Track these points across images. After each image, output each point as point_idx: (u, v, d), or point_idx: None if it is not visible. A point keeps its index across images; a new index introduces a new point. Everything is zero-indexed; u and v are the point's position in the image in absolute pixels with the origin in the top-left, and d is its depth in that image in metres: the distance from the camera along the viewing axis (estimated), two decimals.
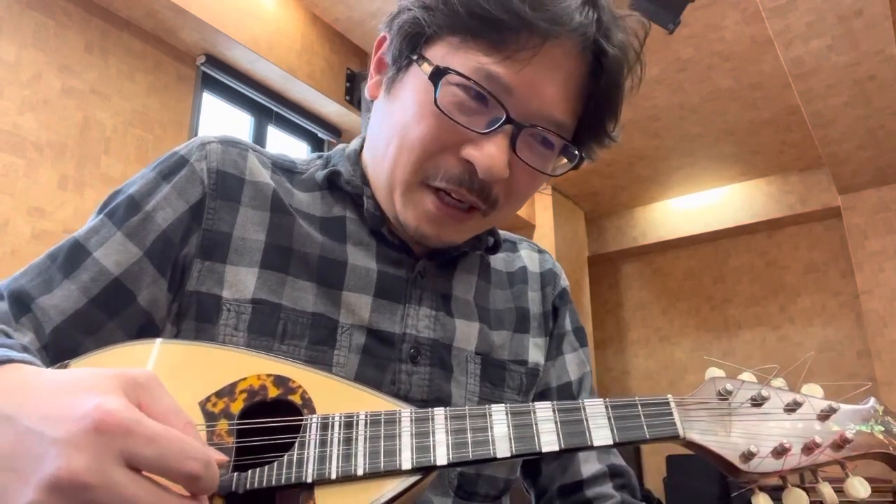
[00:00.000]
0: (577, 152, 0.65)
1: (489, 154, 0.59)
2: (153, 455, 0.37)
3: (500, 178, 0.60)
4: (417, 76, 0.62)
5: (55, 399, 0.38)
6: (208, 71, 3.50)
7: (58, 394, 0.38)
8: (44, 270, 0.59)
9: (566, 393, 0.80)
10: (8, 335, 0.53)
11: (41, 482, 0.35)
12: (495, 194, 0.63)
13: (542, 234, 5.73)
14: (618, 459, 0.79)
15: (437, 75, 0.59)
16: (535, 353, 0.78)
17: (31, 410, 0.37)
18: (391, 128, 0.64)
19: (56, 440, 0.36)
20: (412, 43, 0.63)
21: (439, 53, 0.61)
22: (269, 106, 3.84)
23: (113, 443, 0.36)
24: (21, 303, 0.57)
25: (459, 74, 0.59)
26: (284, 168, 0.72)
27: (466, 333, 0.71)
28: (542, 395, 0.79)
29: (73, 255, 0.60)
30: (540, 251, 0.86)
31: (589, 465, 0.77)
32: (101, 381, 0.39)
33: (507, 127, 0.59)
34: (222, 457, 0.42)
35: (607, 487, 0.76)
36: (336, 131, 4.20)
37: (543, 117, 0.61)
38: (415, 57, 0.62)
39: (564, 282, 0.86)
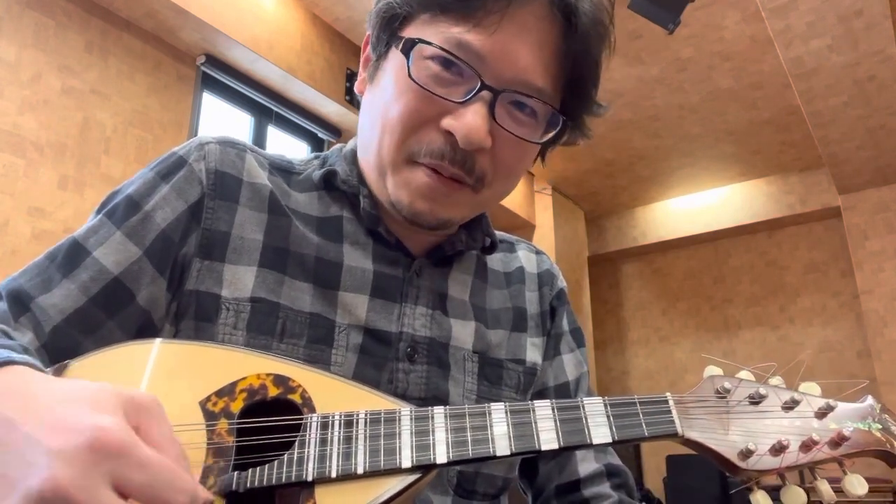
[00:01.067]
0: (561, 118, 0.64)
1: (467, 122, 0.59)
2: (142, 482, 0.37)
3: (480, 145, 0.60)
4: (394, 58, 0.63)
5: (57, 409, 0.38)
6: (208, 71, 3.51)
7: (60, 404, 0.38)
8: (43, 270, 0.59)
9: (563, 393, 0.80)
10: (8, 335, 0.53)
11: (26, 492, 0.35)
12: (480, 167, 0.62)
13: (541, 234, 5.73)
14: (615, 459, 0.80)
15: (408, 47, 0.60)
16: (533, 352, 0.78)
17: (31, 417, 0.37)
18: (374, 112, 0.65)
19: (49, 450, 0.35)
20: (388, 27, 0.64)
21: (413, 32, 0.62)
22: (269, 106, 3.85)
23: (104, 462, 0.36)
24: (20, 302, 0.57)
25: (430, 44, 0.59)
26: (282, 168, 0.72)
27: (462, 333, 0.71)
28: (540, 395, 0.79)
29: (73, 255, 0.60)
30: (538, 252, 0.87)
31: (586, 465, 0.77)
32: (104, 397, 0.39)
33: (484, 94, 0.59)
34: (209, 495, 0.41)
35: (604, 487, 0.76)
36: (336, 131, 4.21)
37: (520, 82, 0.61)
38: (391, 40, 0.63)
39: (562, 282, 0.86)
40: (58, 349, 0.56)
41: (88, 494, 0.35)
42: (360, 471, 0.46)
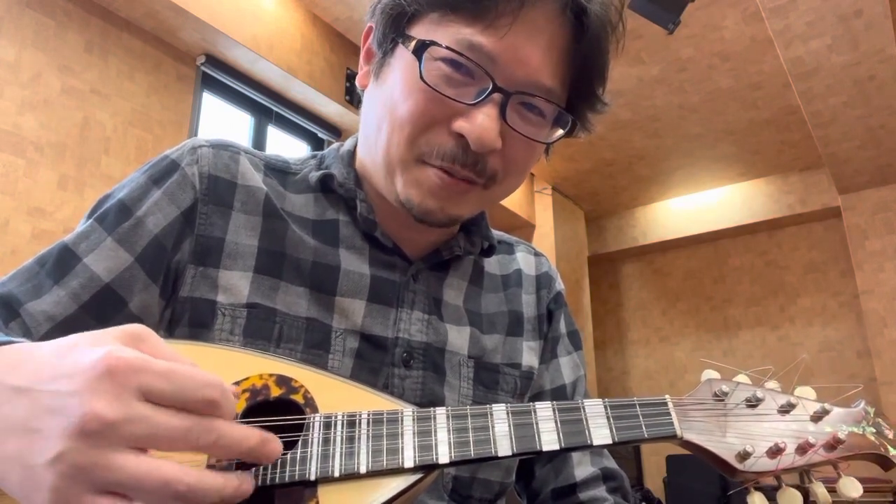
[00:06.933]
0: (570, 118, 0.64)
1: (479, 124, 0.58)
2: (170, 388, 0.37)
3: (492, 147, 0.60)
4: (403, 56, 0.62)
5: (61, 360, 0.38)
6: (208, 71, 3.51)
7: (62, 355, 0.38)
8: (33, 275, 0.59)
9: (560, 396, 0.79)
10: None
11: (67, 431, 0.35)
12: (491, 167, 0.62)
13: (542, 234, 5.73)
14: (611, 463, 0.80)
15: (421, 49, 0.59)
16: (529, 356, 0.78)
17: (40, 376, 0.38)
18: (381, 110, 0.64)
19: (73, 391, 0.36)
20: (395, 24, 0.63)
21: (422, 31, 0.61)
22: (269, 106, 3.85)
23: (129, 382, 0.36)
24: (9, 308, 0.56)
25: (442, 47, 0.59)
26: (277, 169, 0.72)
27: (458, 338, 0.71)
28: (536, 398, 0.78)
29: (63, 261, 0.59)
30: (537, 254, 0.86)
31: (582, 469, 0.77)
32: (100, 336, 0.40)
33: (496, 96, 0.59)
34: (235, 388, 0.42)
35: (600, 490, 0.76)
36: (336, 131, 4.21)
37: (531, 84, 0.60)
38: (399, 38, 0.62)
39: (560, 285, 0.85)
40: None
41: (127, 412, 0.36)
42: (363, 470, 0.47)
